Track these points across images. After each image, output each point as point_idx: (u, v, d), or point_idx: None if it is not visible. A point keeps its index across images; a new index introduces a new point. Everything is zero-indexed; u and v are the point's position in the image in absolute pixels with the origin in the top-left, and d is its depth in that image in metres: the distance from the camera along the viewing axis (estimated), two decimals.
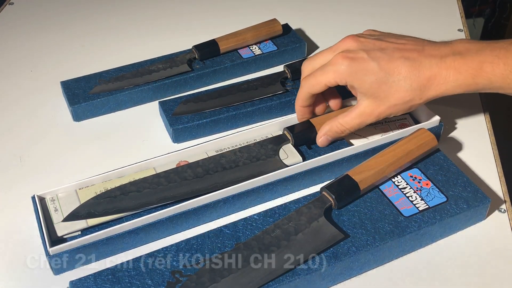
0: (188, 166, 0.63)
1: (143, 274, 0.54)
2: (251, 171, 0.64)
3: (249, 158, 0.64)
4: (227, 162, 0.64)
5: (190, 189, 0.61)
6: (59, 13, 1.05)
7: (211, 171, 0.63)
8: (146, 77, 0.80)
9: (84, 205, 0.59)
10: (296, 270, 0.54)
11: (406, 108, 0.64)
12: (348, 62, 0.61)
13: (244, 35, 0.86)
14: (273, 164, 0.64)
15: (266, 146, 0.66)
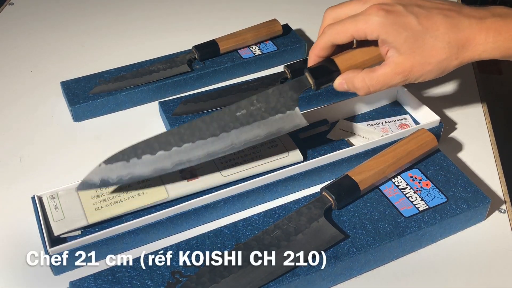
0: (201, 120, 0.58)
1: (143, 275, 0.54)
2: (269, 128, 0.59)
3: (267, 111, 0.59)
4: (244, 117, 0.58)
5: (206, 151, 0.57)
6: (59, 13, 1.05)
7: (227, 127, 0.58)
8: (146, 77, 0.80)
9: (97, 171, 0.56)
10: (296, 270, 0.54)
11: (440, 70, 0.58)
12: (384, 14, 0.56)
13: (244, 35, 0.86)
14: (292, 120, 0.59)
15: (285, 93, 0.60)
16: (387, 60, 0.59)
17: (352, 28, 0.58)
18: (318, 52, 0.61)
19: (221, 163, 0.65)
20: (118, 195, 0.61)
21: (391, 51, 0.58)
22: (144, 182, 0.62)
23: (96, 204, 0.60)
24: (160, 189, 0.62)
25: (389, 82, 0.59)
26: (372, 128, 0.72)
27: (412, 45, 0.57)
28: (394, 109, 0.77)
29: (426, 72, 0.58)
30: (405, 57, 0.57)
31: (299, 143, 0.69)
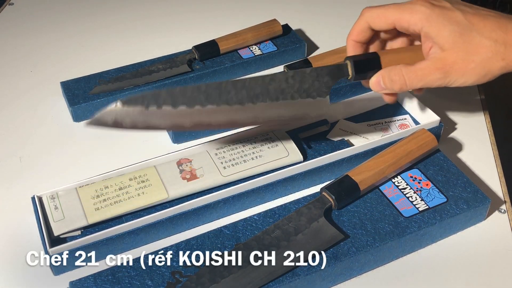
0: (232, 84, 0.54)
1: (143, 275, 0.54)
2: (295, 111, 0.56)
3: (299, 92, 0.55)
4: (275, 90, 0.55)
5: (227, 118, 0.54)
6: (59, 13, 1.05)
7: (255, 99, 0.55)
8: (146, 77, 0.80)
9: (112, 111, 0.53)
10: (296, 270, 0.54)
11: (483, 70, 0.54)
12: (431, 6, 0.54)
13: (244, 35, 0.86)
14: (320, 108, 0.57)
15: (322, 78, 0.56)
16: (429, 56, 0.56)
17: (394, 16, 0.55)
18: (355, 36, 0.58)
19: (221, 163, 0.65)
20: (118, 195, 0.61)
21: (434, 48, 0.55)
22: (144, 182, 0.62)
23: (96, 204, 0.60)
24: (160, 189, 0.62)
25: (427, 77, 0.55)
26: (372, 128, 0.72)
27: (457, 40, 0.53)
28: (394, 109, 0.77)
29: (468, 71, 0.54)
30: (448, 52, 0.54)
31: (299, 143, 0.69)
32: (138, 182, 0.63)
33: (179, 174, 0.64)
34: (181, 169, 0.64)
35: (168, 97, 0.53)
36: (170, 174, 0.64)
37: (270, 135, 0.69)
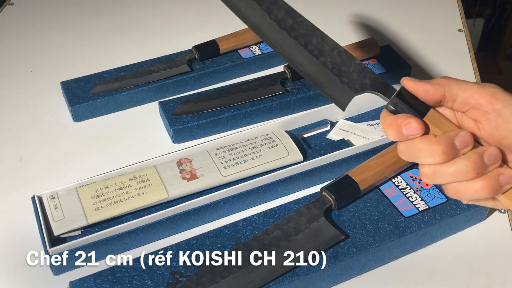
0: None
1: (143, 275, 0.54)
2: (320, 76, 0.50)
3: (334, 66, 0.50)
4: (317, 47, 0.52)
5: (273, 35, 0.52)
6: (59, 14, 1.05)
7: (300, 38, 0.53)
8: (146, 77, 0.80)
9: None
10: (296, 270, 0.54)
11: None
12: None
13: (244, 35, 0.86)
14: (343, 95, 0.48)
15: (365, 75, 0.48)
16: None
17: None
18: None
19: (221, 163, 0.65)
20: (118, 195, 0.61)
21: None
22: (144, 182, 0.62)
23: (96, 204, 0.60)
24: (160, 189, 0.62)
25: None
26: (372, 128, 0.72)
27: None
28: None
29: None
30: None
31: (299, 143, 0.69)
32: (138, 182, 0.63)
33: (179, 174, 0.64)
34: (181, 169, 0.64)
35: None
36: (170, 174, 0.64)
37: (270, 135, 0.69)
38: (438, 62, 0.89)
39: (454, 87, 0.42)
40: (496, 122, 0.41)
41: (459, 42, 0.93)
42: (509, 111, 0.40)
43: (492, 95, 0.41)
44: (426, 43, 0.93)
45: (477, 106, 0.42)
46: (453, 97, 0.42)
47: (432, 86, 0.43)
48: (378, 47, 0.82)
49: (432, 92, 0.43)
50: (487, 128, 0.41)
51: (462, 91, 0.42)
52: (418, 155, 0.41)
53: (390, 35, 0.93)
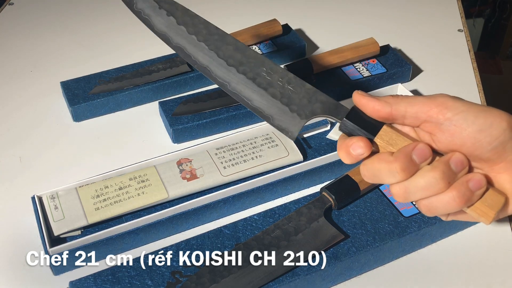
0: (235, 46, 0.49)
1: (143, 275, 0.54)
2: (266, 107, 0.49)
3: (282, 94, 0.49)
4: (265, 79, 0.49)
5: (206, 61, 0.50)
6: (59, 13, 1.05)
7: (242, 68, 0.50)
8: (146, 77, 0.80)
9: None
10: (296, 270, 0.54)
11: None
12: None
13: (244, 35, 0.86)
14: (292, 124, 0.48)
15: (317, 98, 0.47)
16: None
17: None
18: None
19: (221, 163, 0.65)
20: (118, 195, 0.61)
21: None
22: (144, 182, 0.62)
23: (96, 204, 0.60)
24: (160, 189, 0.62)
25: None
26: None
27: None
28: None
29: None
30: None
31: (299, 143, 0.69)
32: (138, 182, 0.63)
33: (179, 174, 0.64)
34: (181, 169, 0.64)
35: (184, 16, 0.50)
36: (170, 174, 0.64)
37: (270, 135, 0.69)
38: (438, 62, 0.89)
39: (401, 103, 0.42)
40: (450, 132, 0.40)
41: (459, 42, 0.93)
42: (461, 118, 0.40)
43: (441, 105, 0.40)
44: (426, 43, 0.93)
45: (428, 119, 0.41)
46: (402, 113, 0.42)
47: (379, 103, 0.42)
48: (378, 47, 0.82)
49: (379, 109, 0.42)
50: (442, 139, 0.41)
51: (410, 107, 0.41)
52: (379, 176, 0.41)
53: (390, 35, 0.93)
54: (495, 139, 0.39)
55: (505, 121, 0.39)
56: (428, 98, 0.41)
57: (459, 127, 0.39)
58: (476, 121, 0.39)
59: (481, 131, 0.39)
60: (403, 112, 0.42)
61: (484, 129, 0.39)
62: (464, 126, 0.39)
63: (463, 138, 0.39)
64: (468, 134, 0.39)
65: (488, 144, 0.39)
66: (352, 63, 0.82)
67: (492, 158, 0.40)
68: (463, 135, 0.39)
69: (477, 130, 0.39)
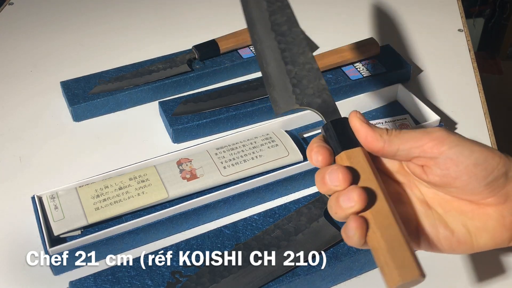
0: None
1: (143, 275, 0.54)
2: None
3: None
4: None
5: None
6: (59, 13, 1.05)
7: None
8: (146, 77, 0.80)
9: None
10: (296, 270, 0.54)
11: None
12: None
13: (244, 35, 0.86)
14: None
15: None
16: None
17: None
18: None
19: (221, 163, 0.65)
20: (118, 195, 0.61)
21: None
22: (144, 182, 0.62)
23: (96, 204, 0.60)
24: (160, 189, 0.62)
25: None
26: None
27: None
28: (394, 109, 0.77)
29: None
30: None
31: (299, 143, 0.69)
32: (138, 182, 0.63)
33: (179, 173, 0.64)
34: (181, 168, 0.64)
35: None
36: (170, 174, 0.64)
37: (270, 135, 0.69)
38: (438, 62, 0.89)
39: (395, 141, 0.41)
40: (445, 165, 0.40)
41: (459, 42, 0.93)
42: (457, 151, 0.39)
43: (436, 139, 0.40)
44: (426, 43, 0.93)
45: (422, 154, 0.41)
46: (394, 151, 0.41)
47: (373, 134, 0.41)
48: (378, 47, 0.82)
49: (371, 140, 0.41)
50: (436, 172, 0.40)
51: (403, 144, 0.41)
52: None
53: (390, 35, 0.93)
54: (490, 173, 0.39)
55: (497, 156, 0.39)
56: (422, 133, 0.40)
57: (455, 160, 0.39)
58: (472, 155, 0.39)
59: (477, 165, 0.39)
60: (395, 150, 0.41)
61: (480, 163, 0.39)
62: (460, 160, 0.39)
63: (458, 172, 0.39)
64: (465, 168, 0.39)
65: (484, 179, 0.39)
66: (352, 63, 0.82)
67: (485, 192, 0.40)
68: (459, 169, 0.39)
69: (473, 164, 0.39)
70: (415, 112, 0.75)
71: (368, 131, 0.41)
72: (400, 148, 0.41)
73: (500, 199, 0.40)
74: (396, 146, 0.41)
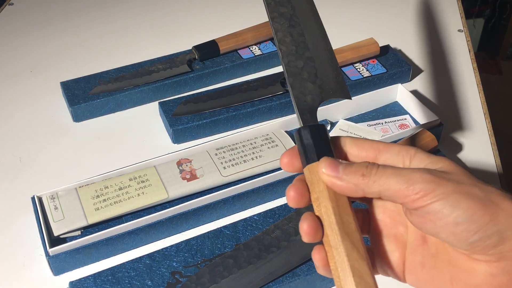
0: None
1: (143, 275, 0.54)
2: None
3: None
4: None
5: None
6: (59, 14, 1.05)
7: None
8: (146, 77, 0.80)
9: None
10: (296, 270, 0.54)
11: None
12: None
13: (244, 35, 0.86)
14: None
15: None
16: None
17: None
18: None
19: (221, 163, 0.65)
20: (118, 195, 0.61)
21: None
22: (144, 182, 0.62)
23: (96, 204, 0.60)
24: (160, 189, 0.62)
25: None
26: (372, 129, 0.72)
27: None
28: (394, 109, 0.77)
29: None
30: None
31: None
32: (138, 182, 0.63)
33: (179, 174, 0.64)
34: (181, 169, 0.64)
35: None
36: (170, 174, 0.64)
37: (270, 135, 0.69)
38: (438, 62, 0.89)
39: (373, 187, 0.36)
40: (423, 218, 0.34)
41: (459, 42, 0.93)
42: (438, 207, 0.33)
43: (420, 193, 0.34)
44: (426, 43, 0.93)
45: (403, 204, 0.36)
46: (376, 195, 0.37)
47: (348, 187, 0.37)
48: (378, 47, 0.82)
49: (349, 193, 0.38)
50: (415, 221, 0.35)
51: (384, 191, 0.35)
52: None
53: (390, 35, 0.93)
54: (473, 233, 0.33)
55: (489, 213, 0.33)
56: (406, 181, 0.34)
57: (433, 216, 0.33)
58: (453, 212, 0.33)
59: (458, 224, 0.33)
60: (377, 194, 0.36)
61: (461, 222, 0.33)
62: (438, 216, 0.33)
63: (436, 229, 0.34)
64: (443, 226, 0.33)
65: (465, 239, 0.33)
66: (352, 63, 0.82)
67: (470, 250, 0.34)
68: (436, 226, 0.34)
69: (453, 223, 0.33)
70: (415, 113, 0.75)
71: (340, 185, 0.37)
72: (382, 194, 0.36)
73: (491, 258, 0.33)
74: (376, 190, 0.36)
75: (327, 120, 0.73)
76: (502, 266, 0.33)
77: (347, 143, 0.39)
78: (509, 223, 0.33)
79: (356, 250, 0.35)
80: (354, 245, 0.35)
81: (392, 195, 0.35)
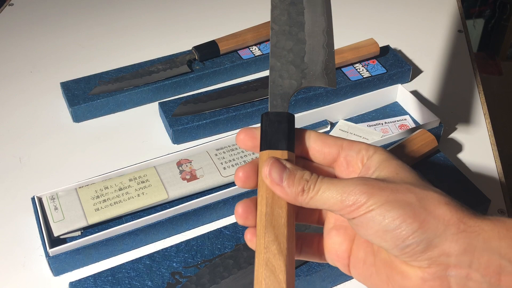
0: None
1: (143, 275, 0.54)
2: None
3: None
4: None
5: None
6: (59, 14, 1.05)
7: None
8: (146, 78, 0.80)
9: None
10: (296, 270, 0.54)
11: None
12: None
13: (244, 36, 0.86)
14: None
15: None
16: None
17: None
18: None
19: (221, 164, 0.65)
20: (118, 196, 0.61)
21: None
22: (144, 183, 0.62)
23: (96, 204, 0.60)
24: (160, 190, 0.62)
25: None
26: (372, 129, 0.72)
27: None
28: (394, 110, 0.77)
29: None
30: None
31: None
32: (138, 183, 0.63)
33: (179, 174, 0.64)
34: (181, 169, 0.64)
35: None
36: (170, 175, 0.64)
37: None
38: (438, 63, 0.89)
39: (312, 203, 0.36)
40: (356, 227, 0.35)
41: (459, 42, 0.93)
42: (369, 217, 0.34)
43: (353, 205, 0.34)
44: (426, 43, 0.93)
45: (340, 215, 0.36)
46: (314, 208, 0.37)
47: (289, 199, 0.36)
48: (378, 48, 0.82)
49: (287, 201, 0.37)
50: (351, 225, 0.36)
51: (321, 205, 0.36)
52: None
53: (390, 35, 0.93)
54: (401, 241, 0.34)
55: (418, 221, 0.33)
56: (341, 195, 0.35)
57: (365, 225, 0.35)
58: (383, 221, 0.34)
59: (387, 231, 0.34)
60: (316, 207, 0.37)
61: (390, 229, 0.34)
62: (370, 225, 0.34)
63: (368, 236, 0.35)
64: (374, 233, 0.34)
65: (395, 246, 0.34)
66: (352, 63, 0.82)
67: (402, 256, 0.35)
68: (368, 233, 0.35)
69: (382, 230, 0.34)
70: (415, 113, 0.75)
71: (282, 193, 0.36)
72: (318, 207, 0.36)
73: (421, 263, 0.34)
74: (313, 205, 0.36)
75: (327, 121, 0.73)
76: (433, 272, 0.34)
77: (311, 137, 0.39)
78: (438, 230, 0.33)
79: (276, 244, 0.35)
80: (277, 238, 0.35)
81: (329, 208, 0.36)
